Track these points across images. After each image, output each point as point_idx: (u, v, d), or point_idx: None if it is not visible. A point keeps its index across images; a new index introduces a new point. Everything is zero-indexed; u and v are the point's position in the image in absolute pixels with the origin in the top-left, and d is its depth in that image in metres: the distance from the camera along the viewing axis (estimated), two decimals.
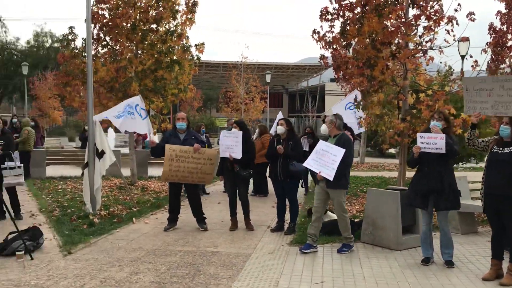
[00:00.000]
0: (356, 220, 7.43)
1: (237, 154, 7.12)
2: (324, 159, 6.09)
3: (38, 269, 5.32)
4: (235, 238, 6.91)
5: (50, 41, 47.36)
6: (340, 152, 5.96)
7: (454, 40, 8.18)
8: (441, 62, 8.72)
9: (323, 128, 6.49)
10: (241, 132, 7.20)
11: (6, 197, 7.83)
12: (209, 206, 9.28)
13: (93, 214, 8.04)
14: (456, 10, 8.08)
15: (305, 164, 6.42)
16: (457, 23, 8.07)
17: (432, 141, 5.44)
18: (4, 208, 7.48)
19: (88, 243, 6.47)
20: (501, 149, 5.02)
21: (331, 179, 5.93)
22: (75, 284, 4.82)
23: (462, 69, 11.22)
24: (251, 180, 8.44)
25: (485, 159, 5.20)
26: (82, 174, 9.32)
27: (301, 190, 10.09)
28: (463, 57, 14.93)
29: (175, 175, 7.23)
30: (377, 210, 6.49)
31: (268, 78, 33.09)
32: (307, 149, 10.49)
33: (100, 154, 8.37)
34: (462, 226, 7.21)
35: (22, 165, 7.74)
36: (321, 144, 6.30)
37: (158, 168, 7.36)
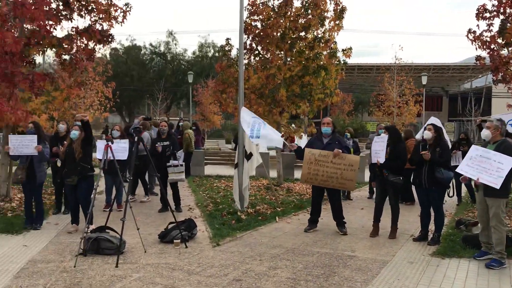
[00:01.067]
0: (511, 235, 6.77)
1: (381, 158, 7.07)
2: (483, 165, 5.81)
3: (190, 256, 6.00)
4: (374, 244, 6.85)
5: (212, 51, 51.66)
6: (509, 161, 5.59)
7: None
8: None
9: (486, 134, 6.10)
10: (386, 135, 7.14)
11: (169, 191, 8.92)
12: (351, 211, 9.30)
13: (241, 211, 8.69)
14: None
15: (458, 170, 6.21)
16: None
17: None
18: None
19: (234, 237, 7.06)
20: None
21: (497, 187, 5.65)
22: (220, 273, 5.35)
23: None
24: None
25: None
26: None
27: (454, 200, 9.51)
28: None
29: (314, 178, 7.44)
30: None
31: (424, 80, 31.45)
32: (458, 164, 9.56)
33: (248, 156, 9.02)
34: None
35: (184, 163, 8.75)
36: (476, 150, 6.03)
37: None
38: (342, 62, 12.06)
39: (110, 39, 10.09)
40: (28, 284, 4.92)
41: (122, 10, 10.00)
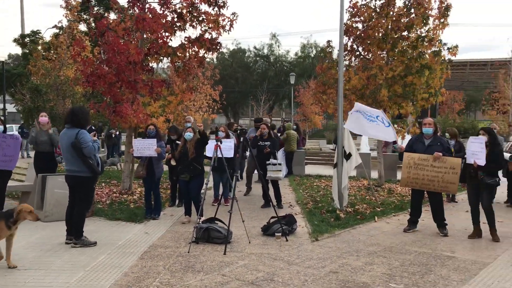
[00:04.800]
0: None
1: (481, 160, 6.90)
2: None
3: (290, 249, 6.44)
4: (476, 246, 6.74)
5: (314, 51, 51.95)
6: None
7: None
8: None
9: None
10: (484, 137, 6.97)
11: (271, 189, 9.45)
12: (455, 214, 9.11)
13: (340, 210, 8.95)
14: None
15: None
16: None
17: None
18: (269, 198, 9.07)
19: (333, 233, 7.37)
20: None
21: None
22: (318, 265, 5.71)
23: None
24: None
25: None
26: None
27: None
28: None
29: (415, 182, 7.48)
30: None
31: None
32: None
33: (348, 156, 9.23)
34: None
35: (282, 163, 9.20)
36: None
37: None
38: (447, 60, 11.72)
39: (218, 47, 10.91)
40: (151, 264, 5.70)
41: (229, 19, 10.73)
